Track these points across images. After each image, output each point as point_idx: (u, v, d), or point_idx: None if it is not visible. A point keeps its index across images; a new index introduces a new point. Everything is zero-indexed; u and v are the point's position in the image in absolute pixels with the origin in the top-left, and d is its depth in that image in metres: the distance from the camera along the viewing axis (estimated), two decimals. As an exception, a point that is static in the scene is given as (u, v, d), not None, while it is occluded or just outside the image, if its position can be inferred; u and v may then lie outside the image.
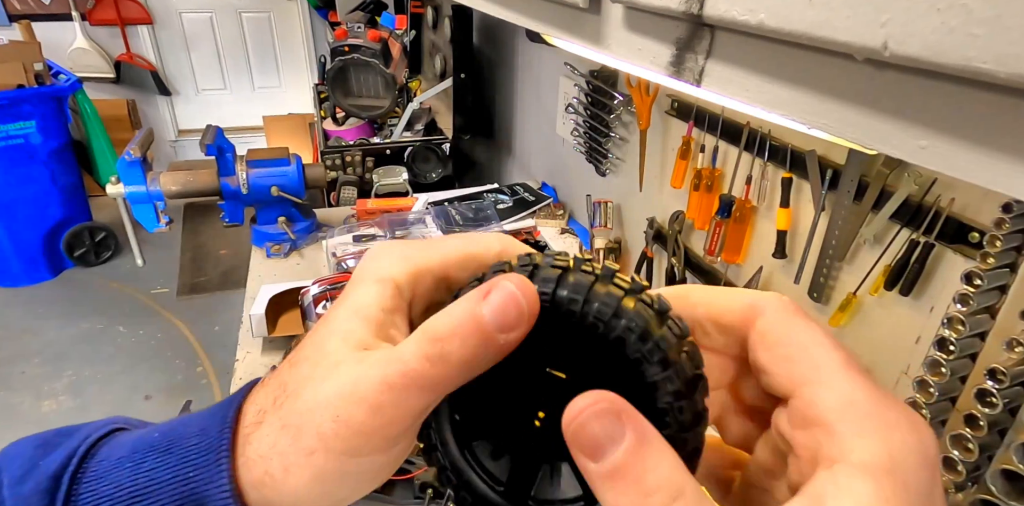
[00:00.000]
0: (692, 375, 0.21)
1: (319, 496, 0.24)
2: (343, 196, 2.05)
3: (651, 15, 0.35)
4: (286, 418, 0.24)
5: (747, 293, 0.23)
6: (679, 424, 0.20)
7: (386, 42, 2.13)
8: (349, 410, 0.22)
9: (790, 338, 0.21)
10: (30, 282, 3.18)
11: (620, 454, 0.18)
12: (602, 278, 0.21)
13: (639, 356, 0.20)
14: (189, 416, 0.27)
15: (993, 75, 0.17)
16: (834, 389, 0.20)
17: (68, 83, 3.00)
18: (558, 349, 0.22)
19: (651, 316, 0.21)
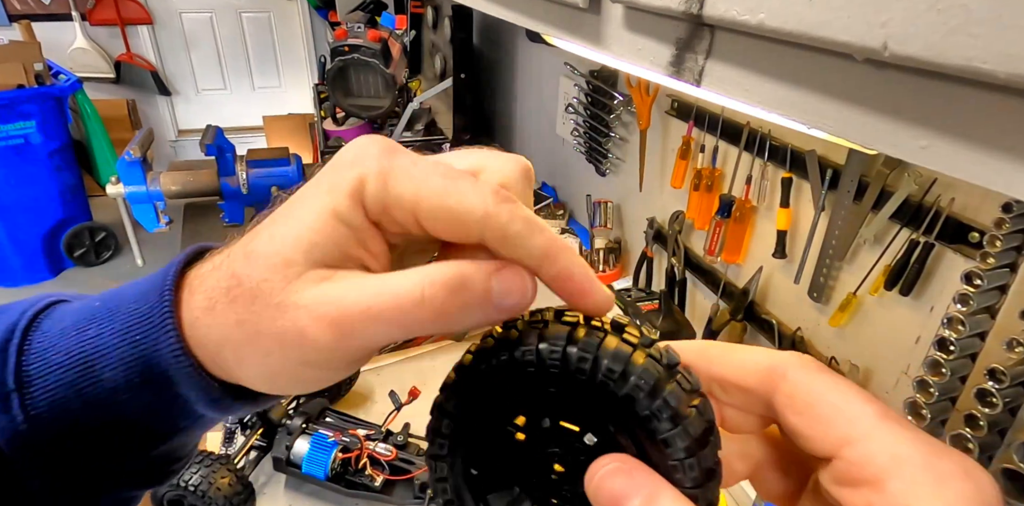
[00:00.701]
0: (702, 431, 0.21)
1: (265, 386, 0.25)
2: (343, 196, 2.05)
3: (651, 15, 0.35)
4: (243, 315, 0.23)
5: (766, 354, 0.23)
6: (691, 480, 0.20)
7: (386, 42, 2.13)
8: (316, 329, 0.22)
9: (819, 398, 0.21)
10: (30, 282, 3.18)
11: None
12: (612, 333, 0.22)
13: (648, 413, 0.20)
14: (128, 284, 0.27)
15: (993, 75, 0.17)
16: (877, 445, 0.19)
17: (68, 83, 3.00)
18: (571, 403, 0.23)
19: (660, 372, 0.21)
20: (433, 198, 0.22)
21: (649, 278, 1.39)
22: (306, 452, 0.93)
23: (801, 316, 1.01)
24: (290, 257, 0.23)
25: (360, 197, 0.23)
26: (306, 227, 0.23)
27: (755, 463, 0.25)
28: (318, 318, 0.22)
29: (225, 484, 0.85)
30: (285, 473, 0.96)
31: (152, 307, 0.25)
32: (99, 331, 0.25)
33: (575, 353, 0.21)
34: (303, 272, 0.23)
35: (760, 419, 0.24)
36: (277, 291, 0.23)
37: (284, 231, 0.23)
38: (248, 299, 0.23)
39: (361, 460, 0.93)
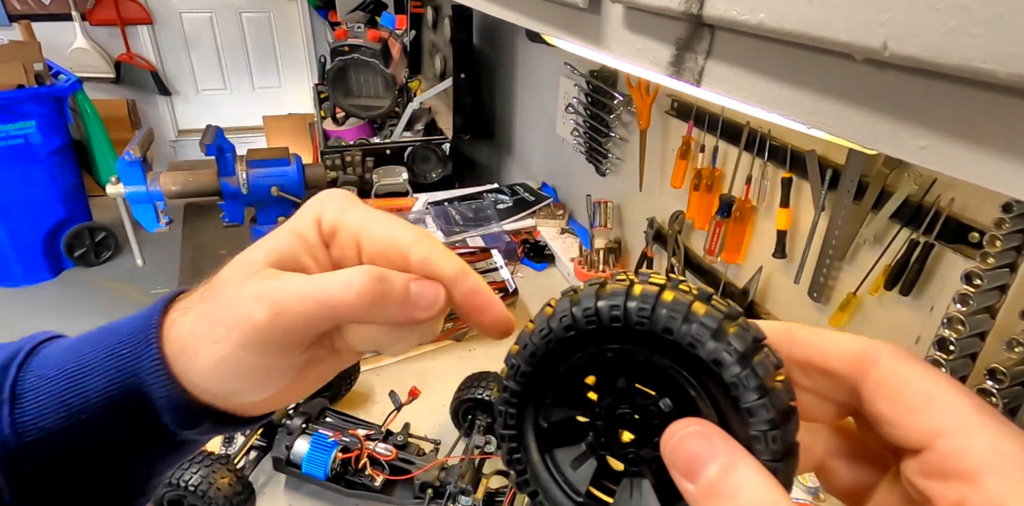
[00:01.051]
0: (786, 406, 0.20)
1: (217, 379, 0.28)
2: (343, 196, 2.04)
3: (651, 15, 0.35)
4: (206, 309, 0.28)
5: (857, 340, 0.22)
6: (771, 453, 0.20)
7: (386, 42, 2.13)
8: (256, 309, 0.26)
9: (913, 387, 0.20)
10: (30, 282, 3.18)
11: (715, 472, 0.19)
12: (700, 299, 0.21)
13: (735, 380, 0.20)
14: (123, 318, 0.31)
15: (993, 75, 0.17)
16: (974, 438, 0.19)
17: (68, 83, 3.00)
18: (650, 365, 0.22)
19: (749, 341, 0.20)
20: (377, 225, 0.28)
21: (649, 278, 1.38)
22: (306, 452, 0.93)
23: (801, 316, 1.01)
24: (252, 256, 0.28)
25: (318, 220, 0.29)
26: (270, 239, 0.29)
27: (824, 453, 0.24)
28: (258, 299, 0.26)
29: (225, 484, 0.85)
30: (285, 473, 0.96)
31: (140, 326, 0.29)
32: (92, 348, 0.29)
33: (664, 313, 0.21)
34: (259, 269, 0.27)
35: (837, 408, 0.23)
36: (235, 284, 0.27)
37: (252, 248, 0.29)
38: (214, 295, 0.28)
39: (361, 460, 0.93)
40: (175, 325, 0.29)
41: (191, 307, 0.29)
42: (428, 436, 1.01)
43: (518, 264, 1.64)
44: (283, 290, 0.26)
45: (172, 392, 0.28)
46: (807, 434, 0.23)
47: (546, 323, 0.23)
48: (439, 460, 0.94)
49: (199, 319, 0.28)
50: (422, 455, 0.96)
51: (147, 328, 0.29)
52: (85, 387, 0.28)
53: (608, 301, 0.22)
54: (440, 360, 1.29)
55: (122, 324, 0.30)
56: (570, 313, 0.22)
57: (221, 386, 0.28)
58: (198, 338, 0.27)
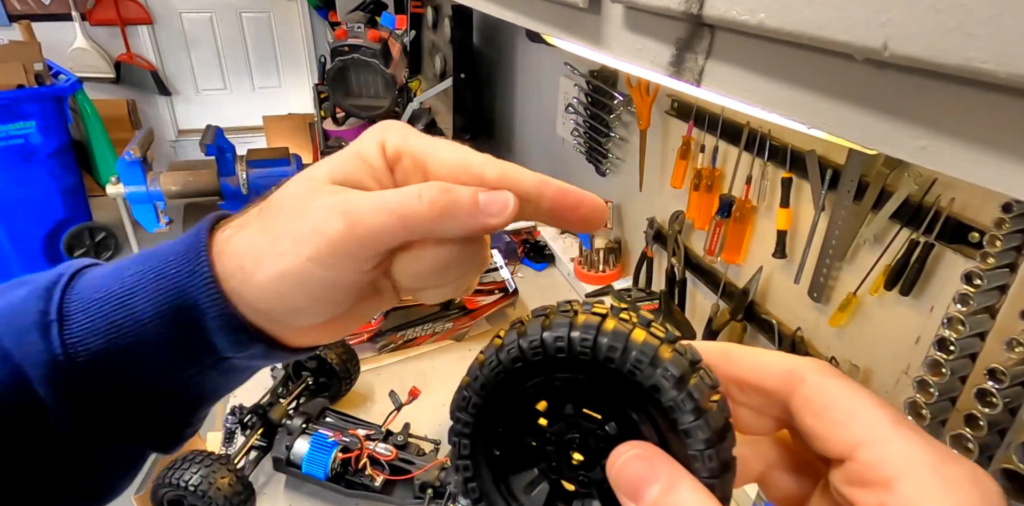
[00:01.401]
0: (722, 425, 0.22)
1: (277, 295, 0.27)
2: (343, 196, 2.05)
3: (651, 15, 0.35)
4: (268, 224, 0.27)
5: (785, 358, 0.24)
6: (708, 470, 0.21)
7: (386, 42, 2.13)
8: (329, 220, 0.25)
9: (836, 402, 0.22)
10: (30, 282, 3.17)
11: (656, 493, 0.21)
12: (640, 326, 0.23)
13: (672, 404, 0.21)
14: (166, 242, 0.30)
15: (993, 75, 0.17)
16: (890, 448, 0.20)
17: (68, 83, 3.00)
18: (594, 391, 0.24)
19: (685, 365, 0.22)
20: (445, 149, 0.28)
21: (649, 278, 1.39)
22: (306, 452, 0.93)
23: (801, 316, 1.01)
24: (314, 173, 0.28)
25: (382, 145, 0.28)
26: (332, 159, 0.28)
27: (765, 465, 0.26)
28: (330, 210, 0.26)
29: (225, 484, 0.85)
30: (285, 473, 0.96)
31: (189, 246, 0.28)
32: (136, 270, 0.28)
33: (605, 342, 0.22)
34: (323, 185, 0.27)
35: (774, 422, 0.25)
36: (300, 199, 0.27)
37: (314, 166, 0.28)
38: (275, 210, 0.27)
39: (361, 460, 0.93)
40: (230, 242, 0.28)
41: (246, 224, 0.28)
42: (428, 436, 1.01)
43: (518, 264, 1.64)
44: (354, 202, 0.26)
45: (225, 311, 0.27)
46: (747, 447, 0.25)
47: (495, 355, 0.24)
48: (439, 460, 0.94)
49: (260, 234, 0.27)
50: (422, 455, 0.96)
51: (196, 247, 0.28)
52: (135, 308, 0.27)
53: (552, 332, 0.23)
54: (440, 360, 1.29)
55: (167, 246, 0.29)
56: (517, 345, 0.24)
57: (281, 302, 0.27)
58: (260, 252, 0.27)
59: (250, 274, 0.27)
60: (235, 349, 0.29)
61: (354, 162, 0.28)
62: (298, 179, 0.28)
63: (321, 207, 0.26)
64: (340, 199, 0.26)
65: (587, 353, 0.22)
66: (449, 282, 0.29)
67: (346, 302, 0.28)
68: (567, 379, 0.24)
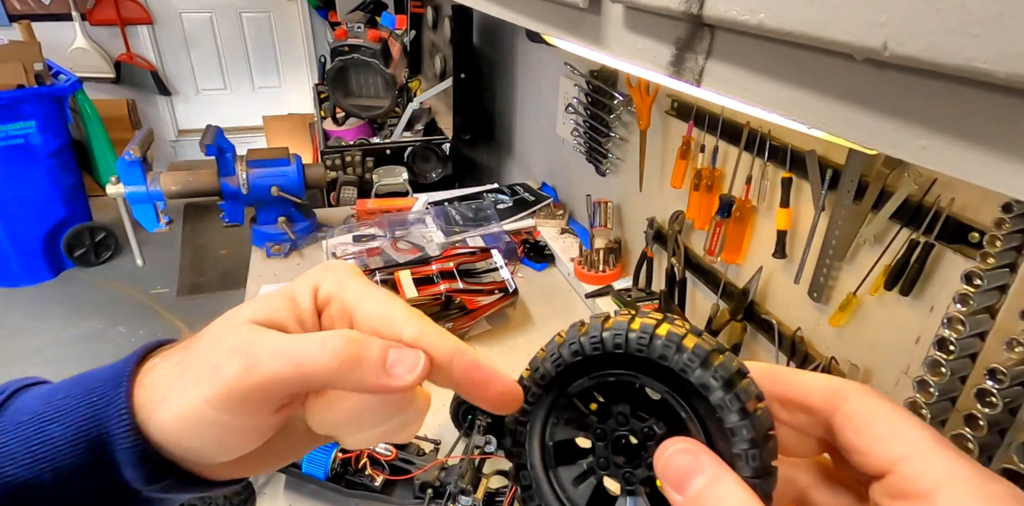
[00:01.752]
0: (766, 430, 0.23)
1: (175, 433, 0.26)
2: (343, 196, 2.05)
3: (651, 15, 0.35)
4: (184, 358, 0.27)
5: (830, 379, 0.25)
6: (751, 470, 0.22)
7: (386, 42, 2.13)
8: (228, 362, 0.25)
9: (878, 419, 0.23)
10: (30, 282, 3.18)
11: (701, 485, 0.22)
12: (691, 333, 0.24)
13: (720, 403, 0.22)
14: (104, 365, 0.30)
15: (993, 75, 0.17)
16: (932, 463, 0.21)
17: (68, 83, 3.00)
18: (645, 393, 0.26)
19: (734, 369, 0.23)
20: (374, 301, 0.28)
21: (649, 278, 1.39)
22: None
23: (801, 316, 1.01)
24: (238, 312, 0.28)
25: (315, 288, 0.28)
26: (261, 299, 0.28)
27: (805, 486, 0.26)
28: (232, 350, 0.26)
29: (225, 484, 0.85)
30: (285, 473, 0.96)
31: (116, 373, 0.28)
32: (65, 394, 0.28)
33: (660, 342, 0.24)
34: (241, 324, 0.27)
35: (816, 443, 0.26)
36: (215, 336, 0.27)
37: (242, 305, 0.28)
38: (194, 345, 0.27)
39: (361, 460, 0.93)
40: (152, 371, 0.28)
41: (171, 355, 0.28)
42: (428, 436, 1.02)
43: (518, 264, 1.64)
44: (257, 343, 0.25)
45: (135, 442, 0.26)
46: (790, 468, 0.26)
47: (556, 349, 0.26)
48: (439, 460, 0.94)
49: (174, 367, 0.27)
50: (422, 455, 0.96)
51: (120, 375, 0.28)
52: (52, 434, 0.27)
53: (612, 331, 0.25)
54: (440, 360, 1.29)
55: (100, 371, 0.29)
56: (578, 340, 0.25)
57: (181, 441, 0.27)
58: (168, 386, 0.27)
59: (155, 408, 0.27)
60: (145, 482, 0.27)
61: (281, 303, 0.28)
62: (224, 317, 0.28)
63: (226, 347, 0.26)
64: (245, 340, 0.26)
65: (643, 350, 0.24)
66: (372, 429, 0.28)
67: (247, 445, 0.27)
68: (621, 378, 0.25)
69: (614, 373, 0.25)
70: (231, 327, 0.27)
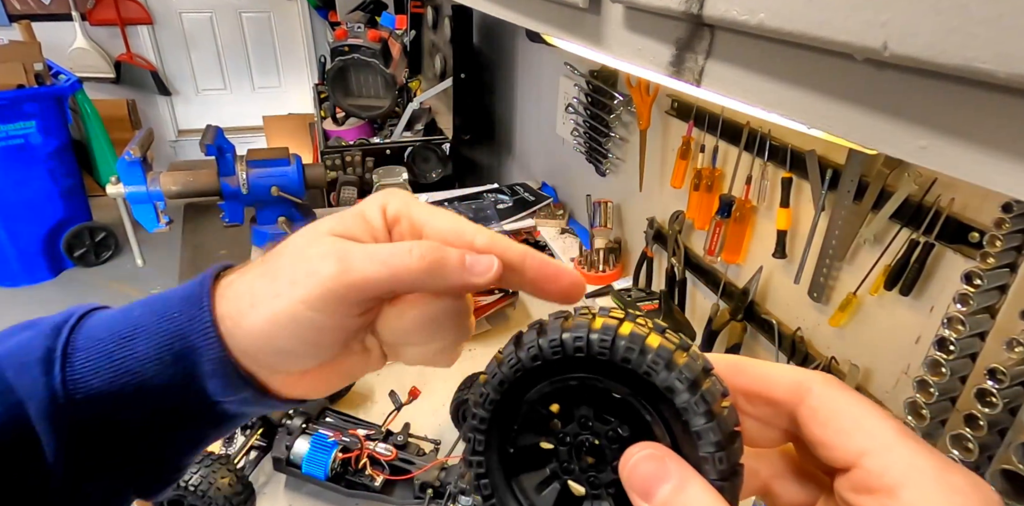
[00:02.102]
0: (731, 429, 0.22)
1: (265, 335, 0.28)
2: (343, 196, 2.05)
3: (651, 15, 0.35)
4: (268, 268, 0.29)
5: (794, 370, 0.25)
6: (718, 473, 0.22)
7: (386, 42, 2.13)
8: (324, 264, 0.27)
9: (841, 412, 0.23)
10: (30, 282, 3.18)
11: (667, 492, 0.21)
12: (655, 331, 0.24)
13: (685, 406, 0.22)
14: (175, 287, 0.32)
15: (993, 75, 0.17)
16: (894, 456, 0.21)
17: (68, 83, 3.00)
18: (609, 395, 0.25)
19: (699, 370, 0.22)
20: (441, 218, 0.30)
21: (649, 278, 1.39)
22: (306, 452, 0.93)
23: (801, 316, 1.01)
24: (317, 227, 0.30)
25: (383, 207, 0.30)
26: (335, 217, 0.30)
27: (770, 477, 0.26)
28: (325, 255, 0.27)
29: (225, 484, 0.85)
30: (285, 473, 0.96)
31: (192, 292, 0.29)
32: (141, 312, 0.30)
33: (623, 344, 0.23)
34: (323, 236, 0.29)
35: (780, 434, 0.26)
36: (300, 247, 0.29)
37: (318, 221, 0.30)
38: (276, 257, 0.29)
39: (361, 460, 0.93)
40: (232, 285, 0.29)
41: (249, 270, 0.30)
42: (428, 436, 1.02)
43: (518, 264, 1.64)
44: (349, 250, 0.27)
45: (221, 354, 0.28)
46: (753, 459, 0.26)
47: (514, 353, 0.25)
48: (439, 460, 0.94)
49: (260, 277, 0.29)
50: (422, 455, 0.96)
51: (199, 292, 0.29)
52: (136, 349, 0.28)
53: (572, 333, 0.24)
54: (440, 360, 1.29)
55: (175, 291, 0.30)
56: (537, 343, 0.24)
57: (269, 344, 0.28)
58: (256, 293, 0.28)
59: (244, 315, 0.28)
60: (226, 393, 0.29)
61: (356, 220, 0.30)
62: (301, 231, 0.30)
63: (317, 253, 0.28)
64: (336, 247, 0.28)
65: (605, 353, 0.23)
66: (431, 342, 0.31)
67: (332, 348, 0.29)
68: (582, 381, 0.24)
69: (576, 377, 0.25)
70: (314, 238, 0.29)
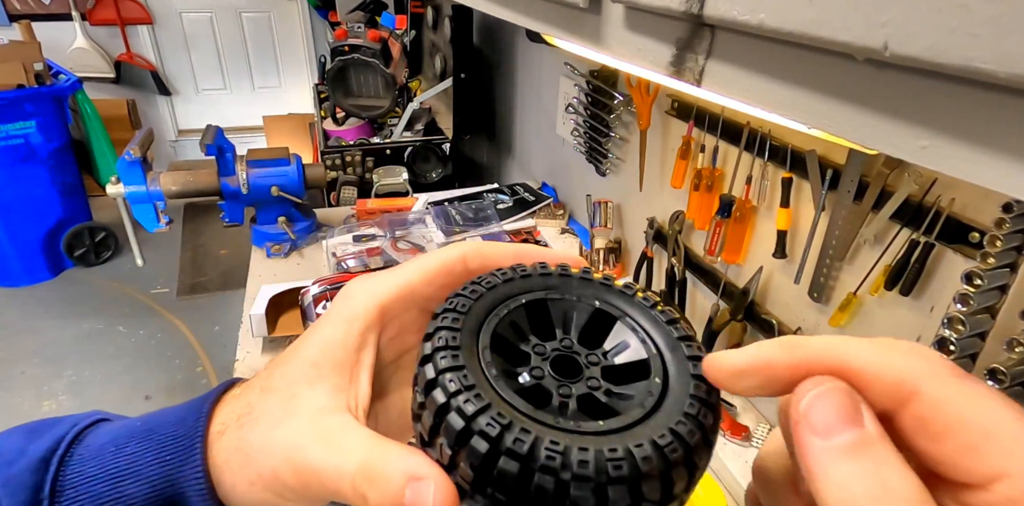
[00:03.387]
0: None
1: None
2: (343, 196, 2.05)
3: (651, 15, 0.35)
4: (241, 443, 0.27)
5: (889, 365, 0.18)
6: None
7: (386, 42, 2.13)
8: (285, 472, 0.25)
9: (966, 422, 0.17)
10: (30, 282, 3.18)
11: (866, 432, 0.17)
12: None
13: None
14: (167, 408, 0.30)
15: (993, 75, 0.17)
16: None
17: (68, 83, 3.00)
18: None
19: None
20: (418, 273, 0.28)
21: (649, 278, 1.39)
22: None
23: (801, 316, 1.01)
24: (296, 391, 0.27)
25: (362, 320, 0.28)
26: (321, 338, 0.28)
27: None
28: (287, 463, 0.25)
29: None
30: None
31: (188, 429, 0.28)
32: (136, 449, 0.28)
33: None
34: (298, 410, 0.26)
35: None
36: (271, 423, 0.26)
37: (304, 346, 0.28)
38: (250, 428, 0.27)
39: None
40: (220, 439, 0.28)
41: (225, 430, 0.28)
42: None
43: (518, 264, 1.64)
44: (308, 464, 0.25)
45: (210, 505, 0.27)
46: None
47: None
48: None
49: (235, 453, 0.27)
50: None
51: (193, 432, 0.28)
52: (126, 491, 0.27)
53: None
54: (440, 360, 1.28)
55: (169, 421, 0.29)
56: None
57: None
58: (234, 472, 0.27)
59: (228, 493, 0.27)
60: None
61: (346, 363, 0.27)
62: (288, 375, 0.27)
63: (282, 457, 0.25)
64: (300, 456, 0.25)
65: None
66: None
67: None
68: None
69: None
70: (295, 407, 0.26)
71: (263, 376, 0.28)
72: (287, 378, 0.27)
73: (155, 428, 0.28)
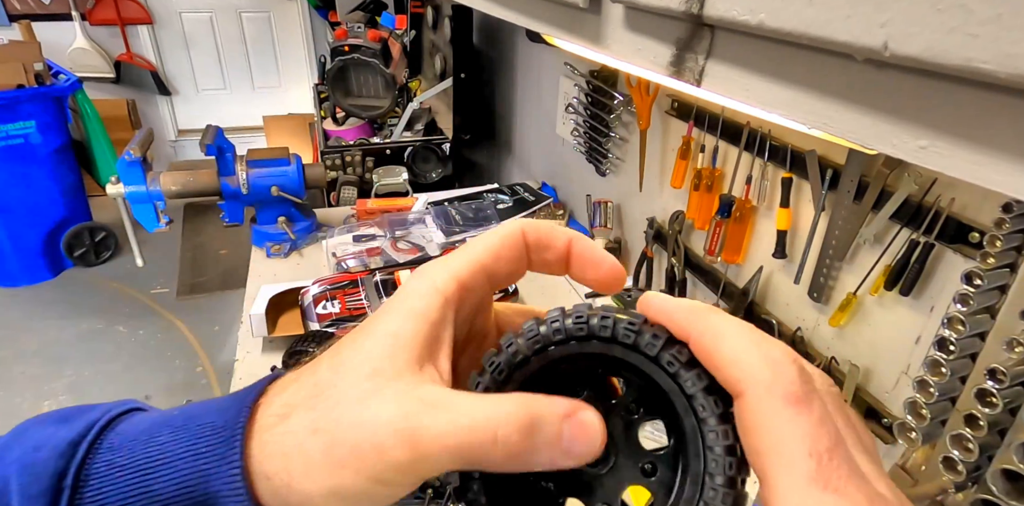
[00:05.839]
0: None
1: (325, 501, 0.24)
2: (343, 196, 2.05)
3: (651, 15, 0.35)
4: (320, 423, 0.24)
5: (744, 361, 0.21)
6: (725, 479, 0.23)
7: (386, 42, 2.13)
8: (394, 446, 0.23)
9: (762, 432, 0.20)
10: (30, 282, 3.18)
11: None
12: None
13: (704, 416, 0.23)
14: (210, 399, 0.27)
15: (993, 75, 0.17)
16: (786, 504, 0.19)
17: (68, 83, 3.00)
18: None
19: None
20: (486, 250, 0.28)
21: (649, 278, 1.39)
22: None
23: (801, 316, 1.01)
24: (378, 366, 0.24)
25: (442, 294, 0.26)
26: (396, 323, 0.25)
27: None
28: (395, 434, 0.23)
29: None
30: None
31: (229, 419, 0.25)
32: (169, 438, 0.26)
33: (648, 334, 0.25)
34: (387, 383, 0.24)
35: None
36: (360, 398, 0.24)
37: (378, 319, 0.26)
38: (329, 406, 0.24)
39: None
40: (273, 433, 0.25)
41: (291, 413, 0.25)
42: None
43: (518, 264, 1.64)
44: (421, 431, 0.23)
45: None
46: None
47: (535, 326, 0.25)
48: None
49: (311, 435, 0.24)
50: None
51: (233, 426, 0.25)
52: (151, 486, 0.25)
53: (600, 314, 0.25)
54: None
55: (210, 409, 0.26)
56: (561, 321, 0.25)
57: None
58: (310, 458, 0.24)
59: (296, 481, 0.24)
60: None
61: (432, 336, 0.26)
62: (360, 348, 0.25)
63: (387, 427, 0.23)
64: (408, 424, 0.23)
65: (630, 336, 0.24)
66: None
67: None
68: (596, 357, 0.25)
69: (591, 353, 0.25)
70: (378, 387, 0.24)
71: (328, 355, 0.26)
72: (364, 353, 0.25)
73: (192, 418, 0.26)
